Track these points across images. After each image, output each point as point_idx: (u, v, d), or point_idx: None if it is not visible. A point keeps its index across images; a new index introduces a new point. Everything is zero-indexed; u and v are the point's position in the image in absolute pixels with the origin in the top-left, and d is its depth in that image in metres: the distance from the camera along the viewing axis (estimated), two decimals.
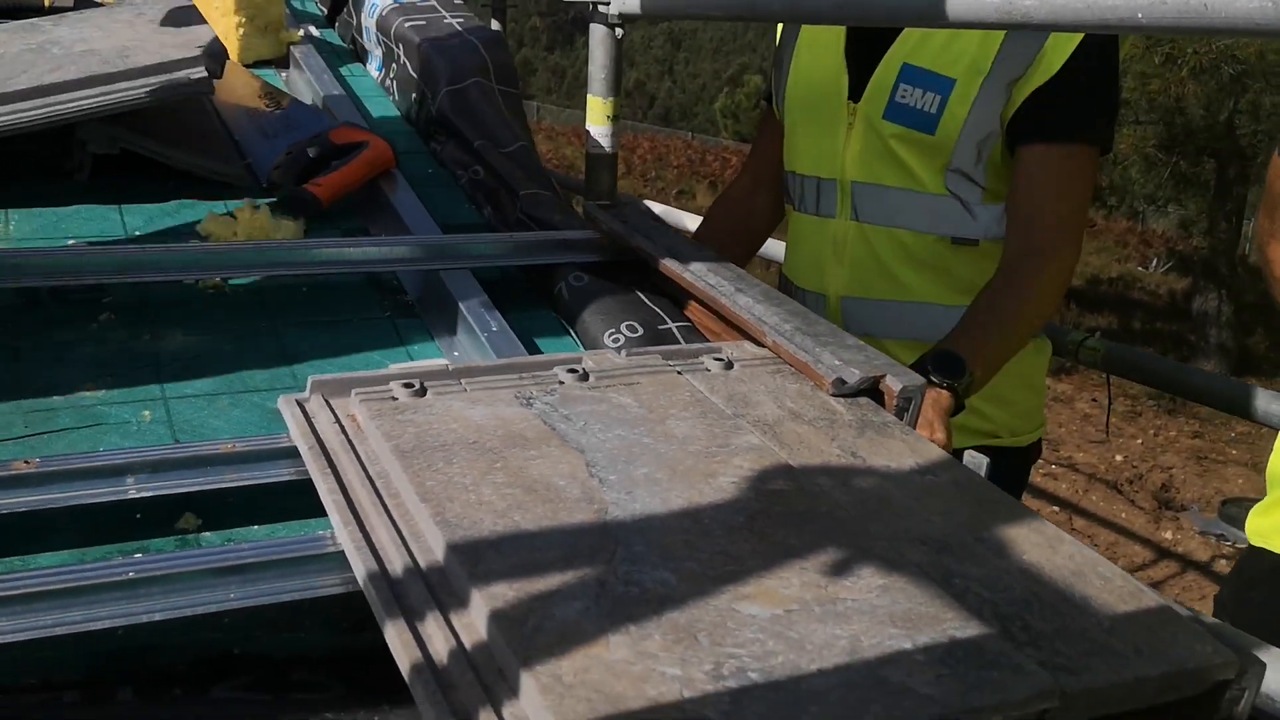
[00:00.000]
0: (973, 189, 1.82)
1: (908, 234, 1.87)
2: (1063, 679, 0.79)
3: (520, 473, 1.01)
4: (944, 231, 1.85)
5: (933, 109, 1.81)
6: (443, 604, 0.85)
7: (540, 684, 0.74)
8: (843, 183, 1.92)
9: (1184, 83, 9.07)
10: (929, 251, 1.87)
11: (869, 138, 1.87)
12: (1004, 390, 1.89)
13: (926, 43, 1.82)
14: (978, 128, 1.78)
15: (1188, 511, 6.32)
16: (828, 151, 1.94)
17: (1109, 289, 13.67)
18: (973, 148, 1.80)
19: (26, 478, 1.03)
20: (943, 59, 1.80)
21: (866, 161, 1.88)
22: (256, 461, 1.11)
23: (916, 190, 1.85)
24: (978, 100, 1.77)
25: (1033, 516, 1.01)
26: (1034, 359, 1.98)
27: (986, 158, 1.80)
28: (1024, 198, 1.77)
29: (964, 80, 1.78)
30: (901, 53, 1.84)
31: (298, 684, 0.95)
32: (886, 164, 1.87)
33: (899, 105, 1.84)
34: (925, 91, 1.82)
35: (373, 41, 2.49)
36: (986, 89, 1.77)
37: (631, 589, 0.85)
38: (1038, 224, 1.75)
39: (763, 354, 1.35)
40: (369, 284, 1.66)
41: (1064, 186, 1.76)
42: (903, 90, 1.83)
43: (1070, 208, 1.78)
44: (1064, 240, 1.76)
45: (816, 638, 0.81)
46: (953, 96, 1.79)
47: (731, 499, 1.00)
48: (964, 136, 1.79)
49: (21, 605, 0.89)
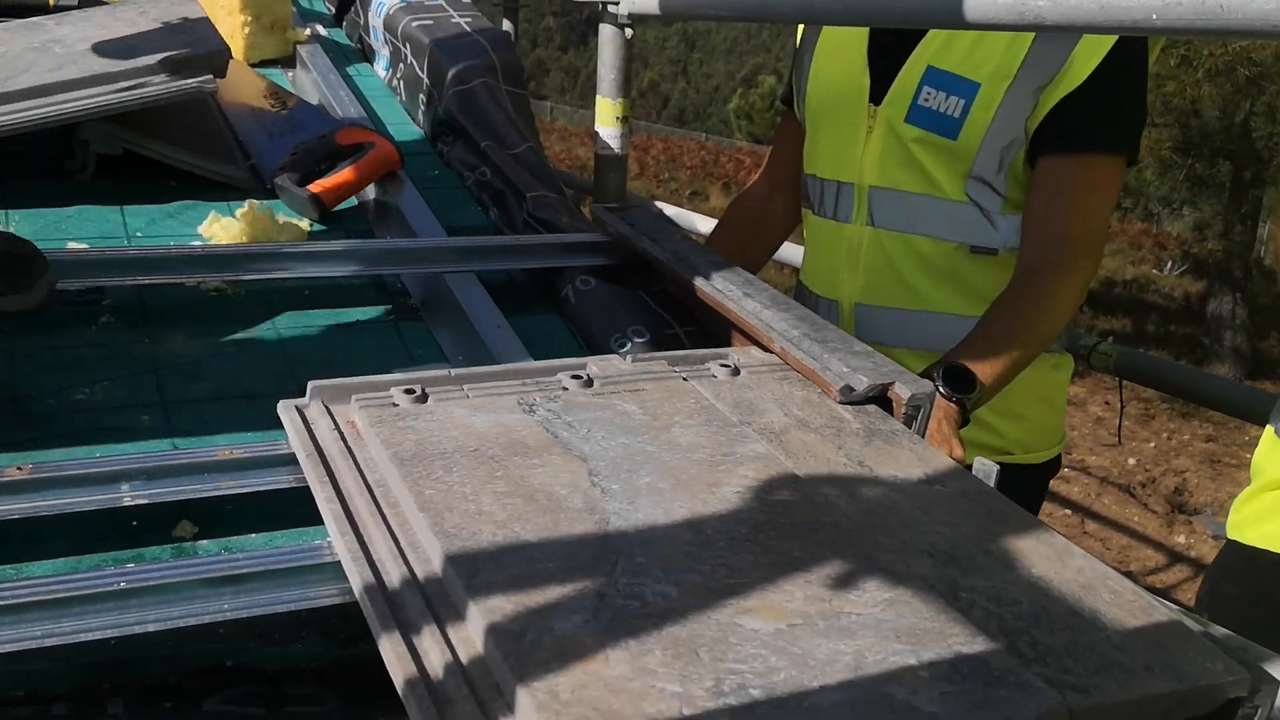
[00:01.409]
0: (993, 197, 1.79)
1: (925, 241, 1.84)
2: (1071, 697, 0.77)
3: (521, 482, 0.99)
4: (962, 239, 1.82)
5: (956, 113, 1.76)
6: (439, 617, 0.84)
7: (536, 701, 0.72)
8: (860, 187, 1.88)
9: (1200, 85, 9.02)
10: (946, 260, 1.83)
11: (889, 141, 1.84)
12: (1019, 406, 1.86)
13: (952, 46, 1.79)
14: (1002, 134, 1.75)
15: (1201, 515, 6.29)
16: (847, 155, 1.90)
17: (1123, 292, 13.61)
18: (995, 154, 1.76)
19: (20, 484, 1.02)
20: (968, 63, 1.77)
21: (886, 166, 1.85)
22: (255, 468, 1.10)
23: (936, 196, 1.81)
24: (1002, 106, 1.73)
25: (1042, 528, 0.99)
26: (1052, 375, 1.93)
27: (1009, 165, 1.77)
28: (1043, 208, 1.73)
29: (989, 85, 1.74)
30: (926, 55, 1.80)
31: (292, 697, 0.94)
32: (906, 169, 1.83)
33: (922, 109, 1.80)
34: (949, 95, 1.77)
35: (380, 41, 2.48)
36: (1012, 94, 1.73)
37: (632, 602, 0.83)
38: (1056, 235, 1.70)
39: (770, 360, 1.33)
40: (373, 287, 1.64)
41: (1085, 197, 1.71)
42: (926, 93, 1.79)
43: (1091, 219, 1.72)
44: (1082, 253, 1.71)
45: (820, 653, 0.79)
46: (977, 101, 1.75)
47: (735, 509, 0.98)
48: (987, 142, 1.75)
49: (11, 615, 0.88)
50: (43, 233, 1.65)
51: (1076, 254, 1.70)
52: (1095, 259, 1.75)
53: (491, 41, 2.20)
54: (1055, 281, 1.68)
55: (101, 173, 1.82)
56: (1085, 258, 1.72)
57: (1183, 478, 6.85)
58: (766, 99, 21.74)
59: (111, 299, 1.49)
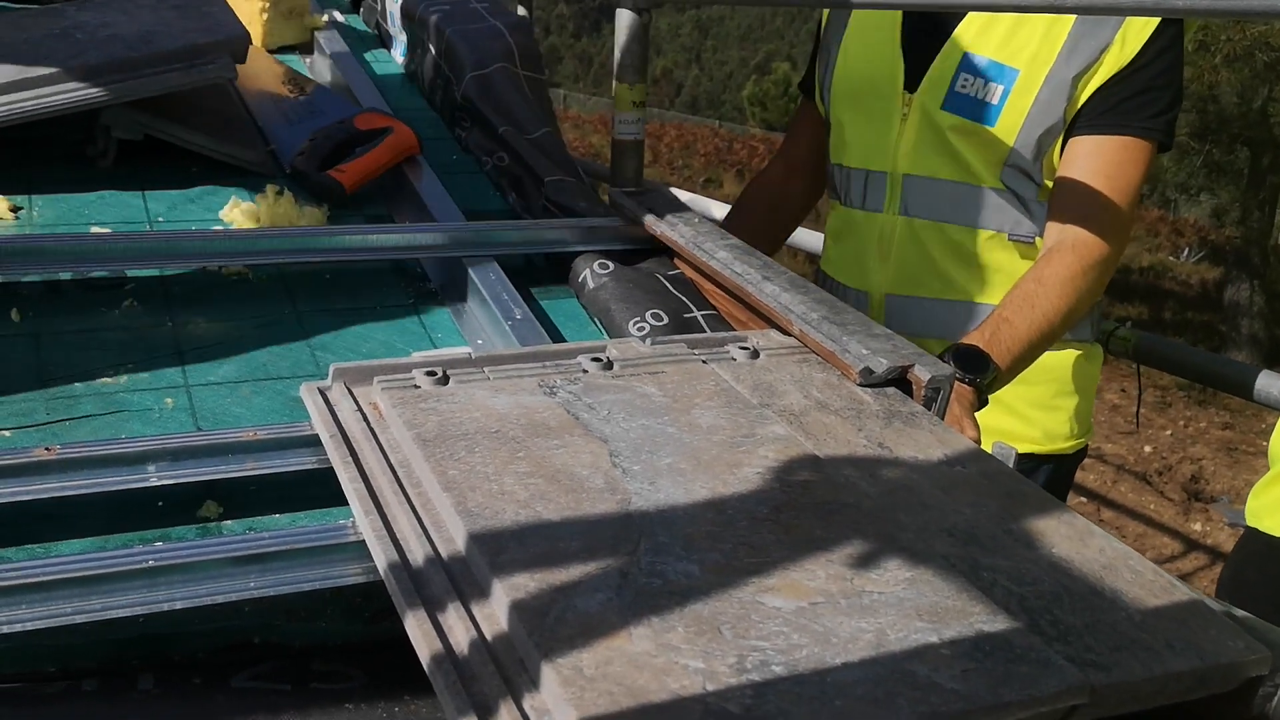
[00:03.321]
0: (1030, 185, 1.77)
1: (959, 229, 1.82)
2: (1092, 674, 0.78)
3: (543, 462, 1.00)
4: (999, 228, 1.80)
5: (994, 100, 1.75)
6: (464, 594, 0.84)
7: (561, 676, 0.73)
8: (893, 176, 1.86)
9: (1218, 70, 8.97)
10: (982, 249, 1.82)
11: (924, 129, 1.82)
12: (1053, 397, 1.85)
13: (989, 32, 1.77)
14: (1040, 121, 1.73)
15: (1217, 503, 6.26)
16: (879, 143, 1.88)
17: (1140, 279, 13.55)
18: (1033, 142, 1.74)
19: (48, 465, 1.03)
20: (1006, 49, 1.75)
21: (920, 154, 1.83)
22: (278, 450, 1.11)
23: (972, 184, 1.80)
24: (1042, 92, 1.72)
25: (1062, 509, 1.00)
26: (1085, 366, 1.91)
27: (1046, 153, 1.75)
28: (1070, 188, 1.71)
29: (1028, 71, 1.72)
30: (963, 41, 1.78)
31: (318, 673, 0.95)
32: (942, 156, 1.81)
33: (959, 95, 1.78)
34: (987, 82, 1.76)
35: (397, 27, 2.48)
36: (1051, 81, 1.71)
37: (654, 580, 0.84)
38: (1081, 216, 1.68)
39: (789, 343, 1.33)
40: (392, 271, 1.65)
41: (1113, 179, 1.69)
42: (963, 80, 1.78)
43: (1118, 202, 1.70)
44: (1108, 235, 1.68)
45: (842, 631, 0.80)
46: (1016, 87, 1.73)
47: (756, 490, 0.99)
48: (1025, 129, 1.74)
49: (42, 593, 0.89)
50: (65, 218, 1.66)
51: (1102, 236, 1.68)
52: (1121, 242, 1.72)
53: (509, 27, 2.20)
54: (1078, 263, 1.66)
55: (123, 158, 1.83)
56: (1110, 240, 1.69)
57: (1199, 465, 6.82)
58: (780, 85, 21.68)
59: (134, 283, 1.50)
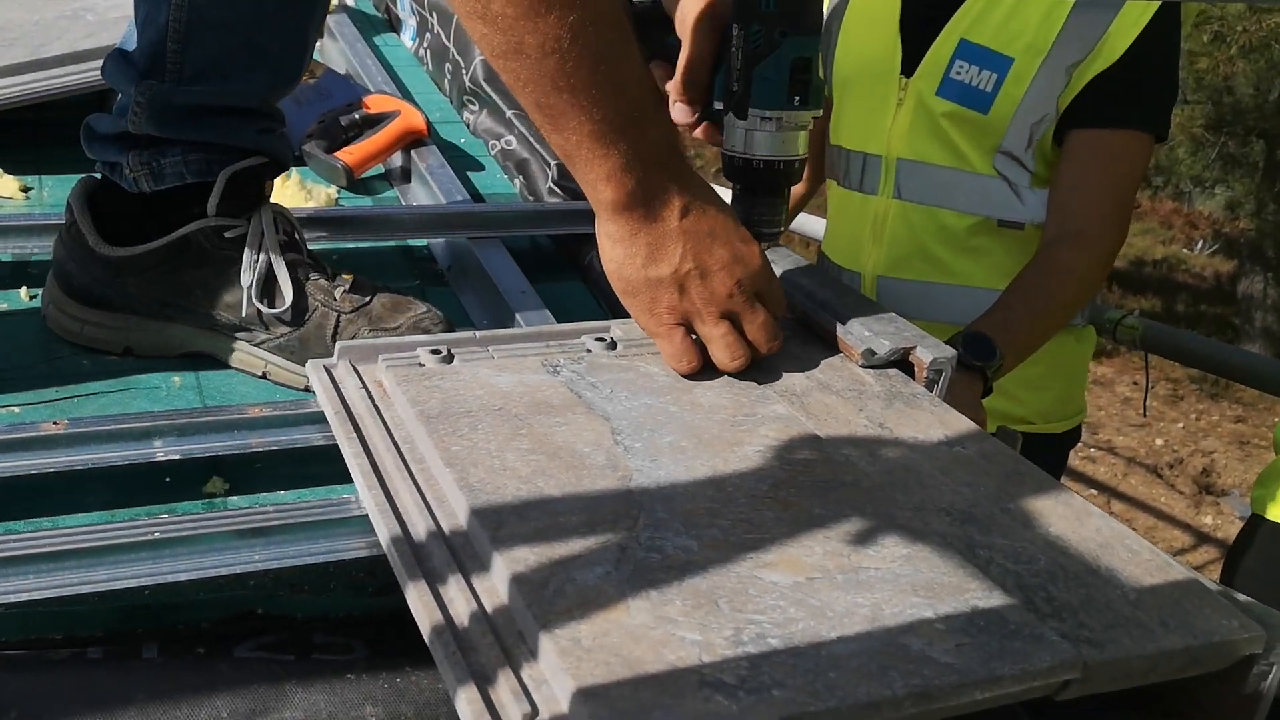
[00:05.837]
0: (1021, 172, 1.79)
1: (951, 214, 1.84)
2: (1085, 650, 0.78)
3: (545, 439, 1.01)
4: (989, 213, 1.82)
5: (988, 88, 1.76)
6: (464, 568, 0.85)
7: (559, 647, 0.74)
8: (888, 159, 1.88)
9: (1233, 61, 8.91)
10: (972, 233, 1.83)
11: (919, 114, 1.84)
12: (1041, 377, 1.86)
13: (986, 19, 1.78)
14: (1033, 110, 1.74)
15: (1229, 497, 6.25)
16: (875, 126, 1.90)
17: (1153, 271, 13.49)
18: (1025, 130, 1.76)
19: (56, 439, 1.04)
20: (1002, 37, 1.76)
21: (914, 138, 1.85)
22: (283, 426, 1.12)
23: (964, 170, 1.81)
24: (1035, 81, 1.73)
25: (1060, 489, 1.00)
26: (1075, 348, 1.94)
27: (1038, 141, 1.76)
28: (1070, 181, 1.73)
29: (1022, 60, 1.74)
30: (959, 28, 1.80)
31: (321, 644, 0.96)
32: (935, 142, 1.83)
33: (953, 82, 1.80)
34: (982, 69, 1.77)
35: (406, 11, 2.49)
36: (1045, 70, 1.72)
37: (653, 555, 0.85)
38: (1081, 209, 1.70)
39: (791, 324, 1.33)
40: (400, 253, 1.66)
41: (1112, 172, 1.71)
42: (958, 67, 1.79)
43: (1117, 194, 1.73)
44: (1108, 225, 1.71)
45: (838, 605, 0.81)
46: (1010, 76, 1.75)
47: (756, 468, 0.99)
48: (1018, 118, 1.75)
49: (49, 563, 0.90)
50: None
51: (1102, 228, 1.70)
52: (1120, 233, 1.75)
53: None
54: (1079, 255, 1.68)
55: None
56: (1110, 232, 1.72)
57: (1211, 459, 6.80)
58: None
59: None
